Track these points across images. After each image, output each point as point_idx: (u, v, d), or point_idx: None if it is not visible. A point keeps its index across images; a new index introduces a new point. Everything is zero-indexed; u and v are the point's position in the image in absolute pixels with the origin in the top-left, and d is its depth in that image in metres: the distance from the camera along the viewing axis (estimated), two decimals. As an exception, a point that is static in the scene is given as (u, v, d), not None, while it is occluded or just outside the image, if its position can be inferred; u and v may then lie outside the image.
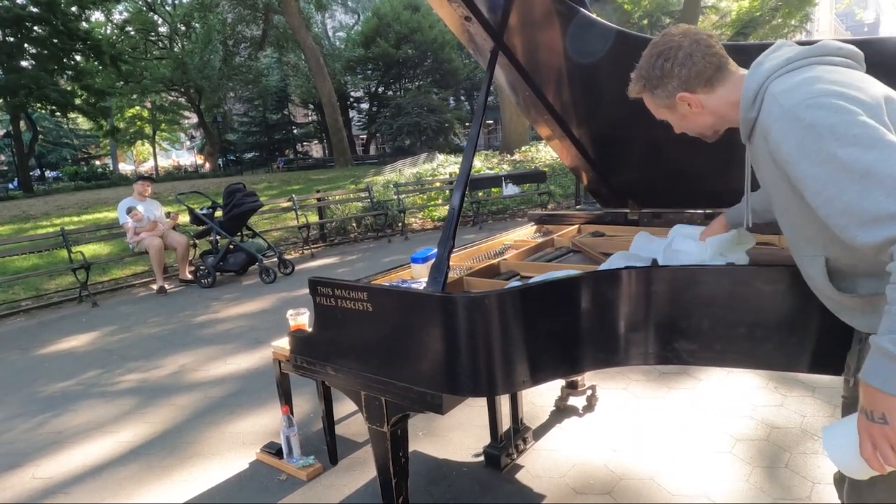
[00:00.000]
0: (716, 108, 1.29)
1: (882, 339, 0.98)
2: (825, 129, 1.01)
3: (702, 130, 1.36)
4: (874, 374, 1.01)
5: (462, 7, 1.99)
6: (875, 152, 0.97)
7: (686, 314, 1.66)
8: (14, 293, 7.04)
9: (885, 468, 1.05)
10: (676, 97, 1.29)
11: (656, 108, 1.39)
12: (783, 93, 1.09)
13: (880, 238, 0.97)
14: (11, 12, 20.91)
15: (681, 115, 1.34)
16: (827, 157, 1.00)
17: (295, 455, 2.69)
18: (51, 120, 34.58)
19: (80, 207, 14.77)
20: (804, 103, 1.04)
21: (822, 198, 1.04)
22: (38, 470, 2.93)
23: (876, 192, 0.96)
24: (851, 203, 0.99)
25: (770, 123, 1.10)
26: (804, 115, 1.04)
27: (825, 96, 1.03)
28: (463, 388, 1.66)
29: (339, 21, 40.41)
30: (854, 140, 0.98)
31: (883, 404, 1.01)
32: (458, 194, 1.84)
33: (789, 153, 1.07)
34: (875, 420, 1.02)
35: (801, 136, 1.04)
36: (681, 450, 2.59)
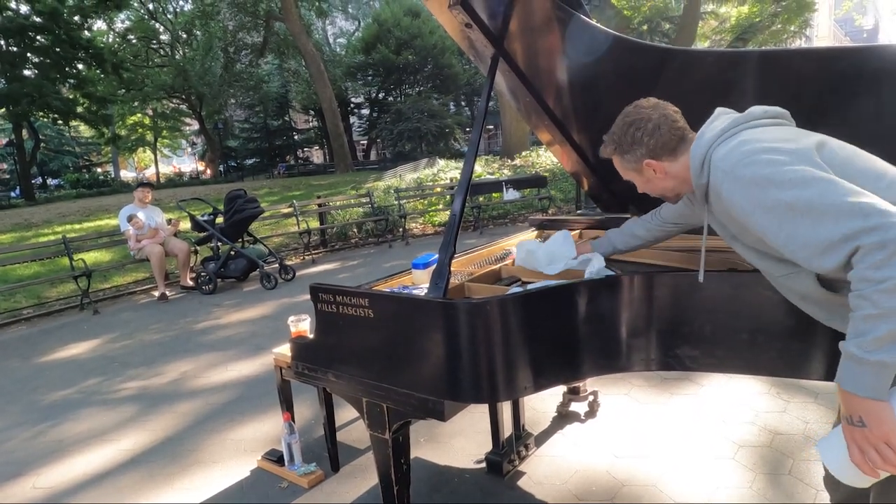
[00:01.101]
0: (677, 173, 1.43)
1: (849, 345, 1.05)
2: (763, 181, 1.14)
3: (664, 193, 1.52)
4: (846, 379, 1.07)
5: (462, 14, 2.00)
6: (812, 188, 1.08)
7: (688, 320, 1.66)
8: (15, 301, 7.04)
9: (876, 472, 1.07)
10: (643, 163, 1.45)
11: (624, 170, 1.54)
12: (722, 158, 1.24)
13: (840, 260, 1.05)
14: (14, 22, 21.07)
15: (646, 178, 1.50)
16: (773, 204, 1.12)
17: (296, 462, 2.68)
18: (53, 128, 34.66)
19: (82, 215, 14.80)
20: (741, 163, 1.19)
21: (781, 239, 1.14)
22: (38, 479, 2.92)
23: (824, 221, 1.05)
24: (807, 236, 1.08)
25: (719, 186, 1.24)
26: (743, 174, 1.18)
27: (755, 153, 1.18)
28: (465, 395, 1.66)
29: (339, 27, 40.61)
30: (790, 184, 1.10)
31: (858, 407, 1.06)
32: (459, 199, 1.84)
33: (742, 207, 1.19)
34: (855, 424, 1.07)
35: (746, 191, 1.17)
36: (683, 456, 2.58)
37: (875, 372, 1.02)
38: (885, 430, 1.03)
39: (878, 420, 1.03)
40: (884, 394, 1.03)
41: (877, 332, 1.00)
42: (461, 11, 2.00)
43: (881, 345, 1.00)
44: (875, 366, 1.01)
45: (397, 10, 30.47)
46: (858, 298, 1.02)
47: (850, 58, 1.67)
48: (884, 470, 1.05)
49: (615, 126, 1.50)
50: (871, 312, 1.00)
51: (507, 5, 2.00)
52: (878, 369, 1.02)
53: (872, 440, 1.04)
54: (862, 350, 1.02)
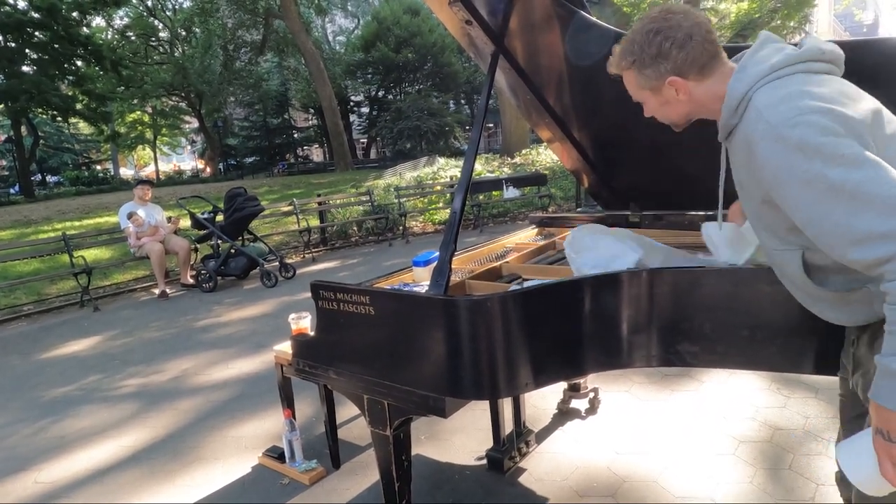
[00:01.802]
0: (700, 97, 1.24)
1: (887, 360, 0.98)
2: (810, 149, 0.99)
3: (676, 119, 1.32)
4: (883, 395, 1.01)
5: (463, 11, 2.00)
6: (862, 172, 0.96)
7: (688, 316, 1.67)
8: (16, 298, 7.05)
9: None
10: (666, 80, 1.23)
11: (637, 89, 1.31)
12: (769, 108, 1.07)
13: (871, 257, 0.97)
14: (13, 18, 20.98)
15: (663, 100, 1.28)
16: (814, 178, 0.99)
17: (297, 459, 2.69)
18: (52, 125, 34.61)
19: (82, 212, 14.79)
20: (790, 122, 1.02)
21: (809, 219, 1.03)
22: (40, 475, 2.93)
23: (865, 212, 0.95)
24: (840, 223, 0.98)
25: (756, 140, 1.07)
26: (791, 135, 1.01)
27: (809, 113, 1.01)
28: (466, 392, 1.66)
29: (339, 25, 40.51)
30: (841, 160, 0.97)
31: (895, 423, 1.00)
32: (459, 197, 1.84)
33: (775, 174, 1.05)
34: (892, 440, 1.01)
35: (788, 157, 1.02)
36: (684, 452, 2.58)
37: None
38: None
39: None
40: None
41: None
42: (461, 8, 2.00)
43: None
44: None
45: (397, 8, 30.41)
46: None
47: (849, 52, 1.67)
48: None
49: (634, 34, 1.26)
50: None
51: (507, 2, 2.00)
52: None
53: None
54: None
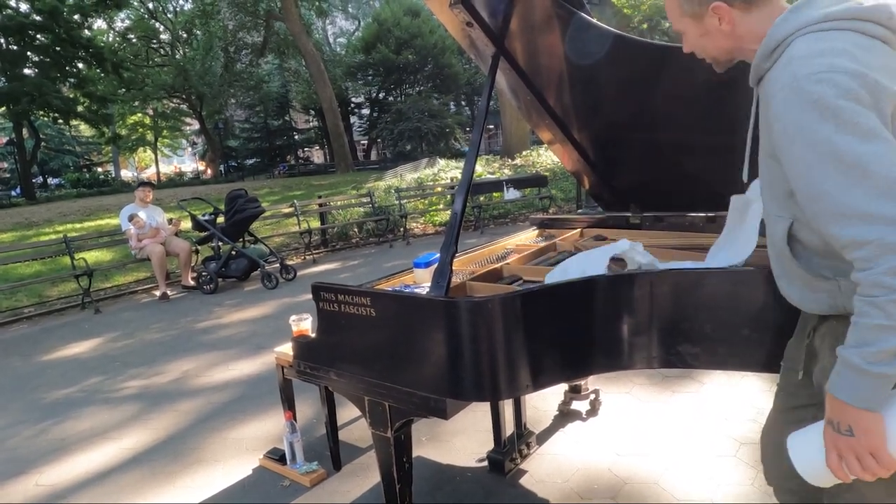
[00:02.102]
0: (743, 33, 1.16)
1: (850, 353, 0.98)
2: (828, 110, 0.95)
3: (716, 54, 1.25)
4: (841, 387, 1.00)
5: (463, 12, 2.01)
6: (870, 146, 0.93)
7: (689, 317, 1.67)
8: (17, 300, 7.05)
9: (849, 478, 1.04)
10: (710, 6, 1.15)
11: (679, 15, 1.23)
12: (801, 59, 1.01)
13: (847, 236, 0.95)
14: (14, 20, 21.06)
15: (704, 29, 1.20)
16: (820, 140, 0.96)
17: (298, 461, 2.69)
18: (53, 127, 34.66)
19: (83, 214, 14.81)
20: (816, 76, 0.97)
21: (803, 180, 1.01)
22: (41, 477, 2.93)
23: (857, 188, 0.93)
24: (830, 192, 0.96)
25: (777, 91, 1.03)
26: (811, 90, 0.97)
27: (842, 73, 0.96)
28: (466, 393, 1.66)
29: (339, 27, 40.62)
30: (854, 128, 0.93)
31: (850, 417, 1.00)
32: (460, 199, 1.85)
33: (785, 128, 1.01)
34: (842, 432, 1.02)
35: (803, 113, 0.98)
36: (685, 453, 2.58)
37: (875, 384, 0.96)
38: (873, 443, 0.99)
39: (868, 431, 0.99)
40: (878, 405, 0.99)
41: (885, 344, 0.93)
42: (462, 10, 2.01)
43: (887, 357, 0.94)
44: (877, 378, 0.96)
45: (397, 10, 30.46)
46: (869, 305, 0.94)
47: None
48: (860, 477, 1.03)
49: None
50: (881, 323, 0.92)
51: (507, 4, 2.01)
52: (879, 382, 0.96)
53: (858, 450, 1.00)
54: (865, 361, 0.95)
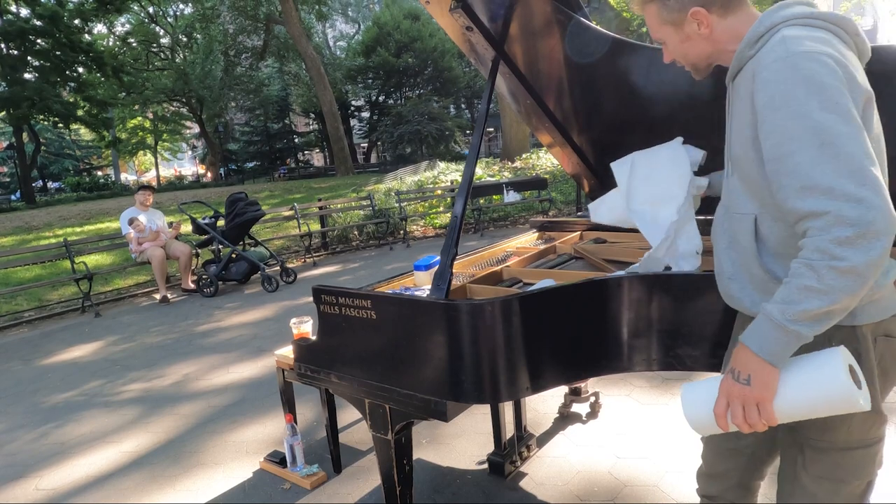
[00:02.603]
0: (720, 35, 1.23)
1: (772, 308, 1.02)
2: (816, 86, 1.00)
3: (696, 60, 1.30)
4: (754, 338, 1.06)
5: (463, 17, 2.01)
6: (847, 128, 0.98)
7: (688, 320, 1.67)
8: (17, 304, 7.05)
9: (728, 426, 1.11)
10: (689, 12, 1.22)
11: (659, 24, 1.29)
12: (795, 39, 1.07)
13: (807, 208, 0.99)
14: (15, 25, 21.11)
15: (685, 35, 1.26)
16: (803, 113, 1.00)
17: (299, 464, 2.69)
18: (53, 131, 34.74)
19: (83, 218, 14.82)
20: (809, 55, 1.03)
21: (777, 151, 1.04)
22: (41, 481, 2.93)
23: (827, 164, 0.97)
24: (800, 165, 1.00)
25: (768, 63, 1.07)
26: (804, 66, 1.02)
27: (830, 57, 1.03)
28: (467, 395, 1.67)
29: (339, 30, 40.68)
30: (835, 107, 0.99)
31: (751, 366, 1.06)
32: (460, 202, 1.85)
33: (772, 97, 1.05)
34: (739, 380, 1.07)
35: (793, 84, 1.03)
36: (685, 456, 2.58)
37: (786, 341, 1.01)
38: (764, 394, 1.05)
39: (763, 383, 1.05)
40: (781, 362, 1.04)
41: (807, 305, 0.98)
42: (462, 15, 2.01)
43: (806, 318, 0.99)
44: (790, 335, 1.01)
45: (397, 14, 30.51)
46: (804, 267, 0.98)
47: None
48: (738, 427, 1.09)
49: None
50: (810, 285, 0.97)
51: (507, 8, 2.02)
52: (790, 339, 1.01)
53: (749, 399, 1.06)
54: (784, 317, 1.00)
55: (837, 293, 0.96)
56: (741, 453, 1.40)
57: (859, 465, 1.18)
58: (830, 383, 1.02)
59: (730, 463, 1.43)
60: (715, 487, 1.48)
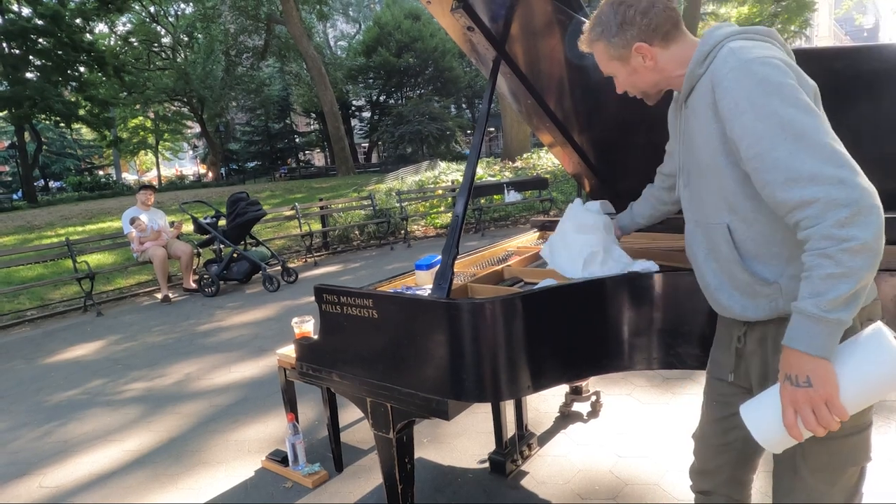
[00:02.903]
0: (665, 64, 1.31)
1: (805, 304, 1.03)
2: (773, 87, 1.08)
3: (646, 88, 1.38)
4: (798, 338, 1.05)
5: (465, 17, 2.02)
6: (810, 118, 1.05)
7: (689, 319, 1.68)
8: (19, 303, 7.07)
9: (802, 436, 1.09)
10: (633, 47, 1.30)
11: (607, 61, 1.37)
12: (742, 49, 1.15)
13: (796, 198, 1.03)
14: (17, 25, 21.12)
15: (632, 68, 1.34)
16: (769, 113, 1.06)
17: (300, 462, 2.70)
18: (55, 131, 34.75)
19: (84, 217, 14.83)
20: (759, 60, 1.11)
21: (754, 150, 1.09)
22: (44, 479, 2.94)
23: (804, 153, 1.03)
24: (780, 159, 1.05)
25: (724, 73, 1.14)
26: (758, 70, 1.10)
27: (776, 60, 1.11)
28: (468, 394, 1.67)
29: (340, 30, 40.68)
30: (795, 102, 1.06)
31: (807, 366, 1.05)
32: (461, 202, 1.86)
33: (736, 102, 1.11)
34: (799, 384, 1.06)
35: (752, 88, 1.09)
36: (686, 455, 2.58)
37: (830, 331, 1.02)
38: (829, 390, 1.04)
39: (824, 380, 1.04)
40: (832, 353, 1.04)
41: (837, 291, 0.99)
42: (463, 15, 2.02)
43: (840, 304, 1.00)
44: (832, 324, 1.02)
45: (398, 14, 30.51)
46: (820, 257, 1.01)
47: (849, 57, 1.69)
48: (813, 432, 1.07)
49: (601, 9, 1.35)
50: (833, 272, 0.99)
51: (508, 8, 2.02)
52: (833, 328, 1.02)
53: (816, 400, 1.05)
54: (820, 309, 1.01)
55: (859, 272, 0.99)
56: (732, 447, 1.42)
57: (854, 450, 1.20)
58: (891, 360, 1.02)
59: (721, 458, 1.45)
60: (708, 483, 1.50)
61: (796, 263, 1.16)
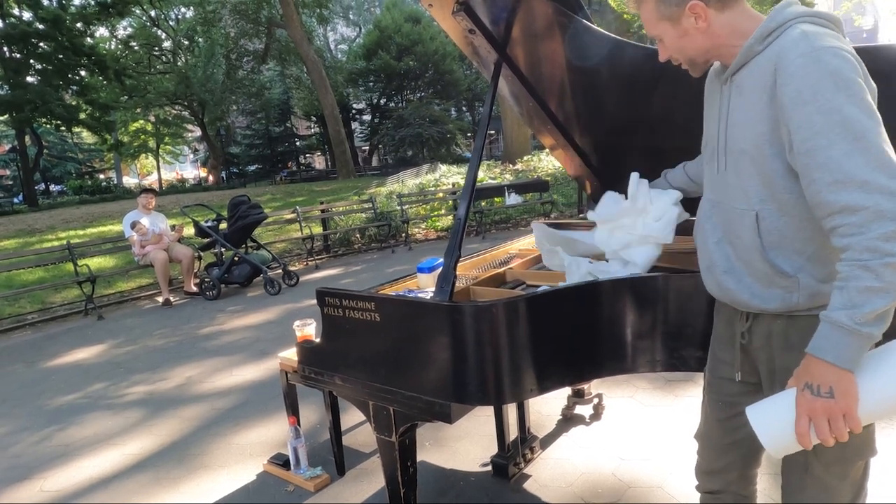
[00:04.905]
0: (718, 30, 1.21)
1: (839, 315, 1.01)
2: (843, 81, 1.02)
3: (694, 55, 1.27)
4: (827, 349, 1.03)
5: (466, 20, 2.02)
6: (872, 122, 1.01)
7: (692, 321, 1.67)
8: (20, 306, 7.07)
9: (811, 444, 1.07)
10: (687, 6, 1.20)
11: (656, 20, 1.27)
12: (816, 35, 1.08)
13: (840, 202, 1.00)
14: (18, 29, 21.18)
15: (682, 30, 1.24)
16: (833, 108, 1.01)
17: (302, 466, 2.69)
18: (55, 134, 34.76)
19: (85, 221, 14.84)
20: (833, 51, 1.04)
21: (808, 145, 1.04)
22: (45, 483, 2.94)
23: (860, 157, 0.99)
24: (833, 158, 1.01)
25: (793, 58, 1.07)
26: (830, 61, 1.04)
27: (851, 56, 1.06)
28: (471, 397, 1.67)
29: (340, 34, 40.76)
30: (861, 102, 1.01)
31: (832, 377, 1.03)
32: (463, 204, 1.86)
33: (800, 91, 1.05)
34: (821, 395, 1.04)
35: (821, 79, 1.03)
36: (689, 457, 2.57)
37: (860, 344, 1.01)
38: (850, 403, 1.03)
39: (846, 391, 1.03)
40: (857, 366, 1.03)
41: (874, 305, 0.98)
42: (465, 17, 2.02)
43: (874, 319, 0.99)
44: (864, 338, 1.00)
45: (398, 17, 30.57)
46: (860, 269, 0.98)
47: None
48: (824, 442, 1.06)
49: None
50: (872, 285, 0.97)
51: (509, 11, 2.03)
52: (864, 342, 1.01)
53: (835, 411, 1.03)
54: (854, 322, 0.99)
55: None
56: (740, 445, 1.41)
57: (863, 443, 1.20)
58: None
59: (730, 457, 1.44)
60: (717, 482, 1.49)
61: (817, 263, 1.15)
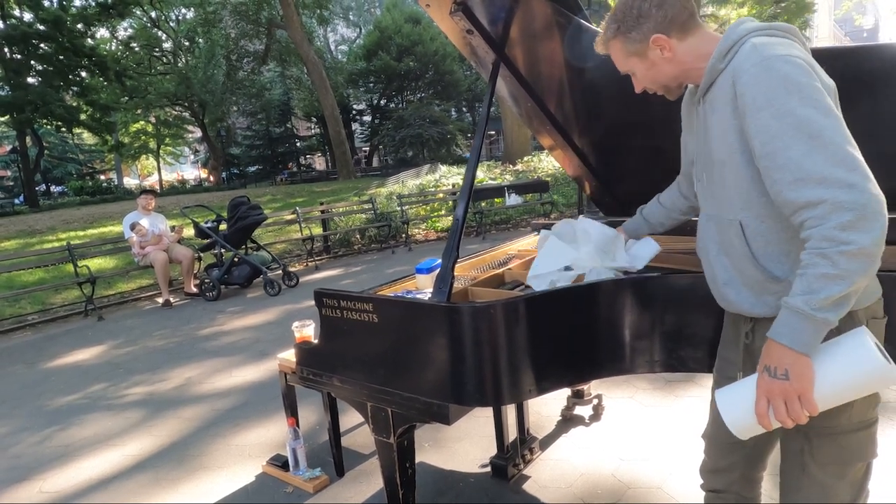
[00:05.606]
0: (683, 56, 1.30)
1: (796, 300, 1.05)
2: (794, 85, 1.07)
3: (666, 82, 1.36)
4: (784, 333, 1.08)
5: (464, 20, 2.02)
6: (828, 120, 1.05)
7: (691, 322, 1.67)
8: (20, 307, 7.08)
9: (771, 425, 1.12)
10: (650, 40, 1.29)
11: (625, 57, 1.36)
12: (765, 45, 1.14)
13: (802, 198, 1.05)
14: (18, 30, 21.20)
15: (650, 62, 1.33)
16: (786, 112, 1.07)
17: (301, 467, 2.69)
18: (56, 135, 34.81)
19: (86, 222, 14.85)
20: (783, 58, 1.10)
21: (767, 148, 1.10)
22: (45, 483, 2.94)
23: (818, 155, 1.03)
24: (792, 159, 1.05)
25: (746, 68, 1.14)
26: (780, 68, 1.09)
27: (802, 60, 1.11)
28: (469, 398, 1.67)
29: (340, 35, 40.78)
30: (814, 103, 1.06)
31: (787, 360, 1.07)
32: (462, 205, 1.86)
33: (755, 98, 1.11)
34: (777, 377, 1.09)
35: (772, 85, 1.09)
36: (688, 458, 2.57)
37: (816, 329, 1.05)
38: (804, 385, 1.07)
39: (801, 375, 1.07)
40: (813, 350, 1.07)
41: (829, 291, 1.01)
42: (462, 18, 2.02)
43: (830, 305, 1.02)
44: (819, 323, 1.04)
45: (398, 18, 30.58)
46: (818, 256, 1.03)
47: (848, 57, 1.69)
48: (782, 423, 1.10)
49: (615, 9, 1.35)
50: (828, 272, 1.01)
51: (507, 11, 2.02)
52: (820, 327, 1.05)
53: (790, 393, 1.07)
54: (810, 307, 1.03)
55: (853, 275, 1.00)
56: (745, 445, 1.41)
57: (861, 445, 1.22)
58: (868, 364, 1.05)
59: (734, 456, 1.46)
60: (720, 481, 1.50)
61: None
